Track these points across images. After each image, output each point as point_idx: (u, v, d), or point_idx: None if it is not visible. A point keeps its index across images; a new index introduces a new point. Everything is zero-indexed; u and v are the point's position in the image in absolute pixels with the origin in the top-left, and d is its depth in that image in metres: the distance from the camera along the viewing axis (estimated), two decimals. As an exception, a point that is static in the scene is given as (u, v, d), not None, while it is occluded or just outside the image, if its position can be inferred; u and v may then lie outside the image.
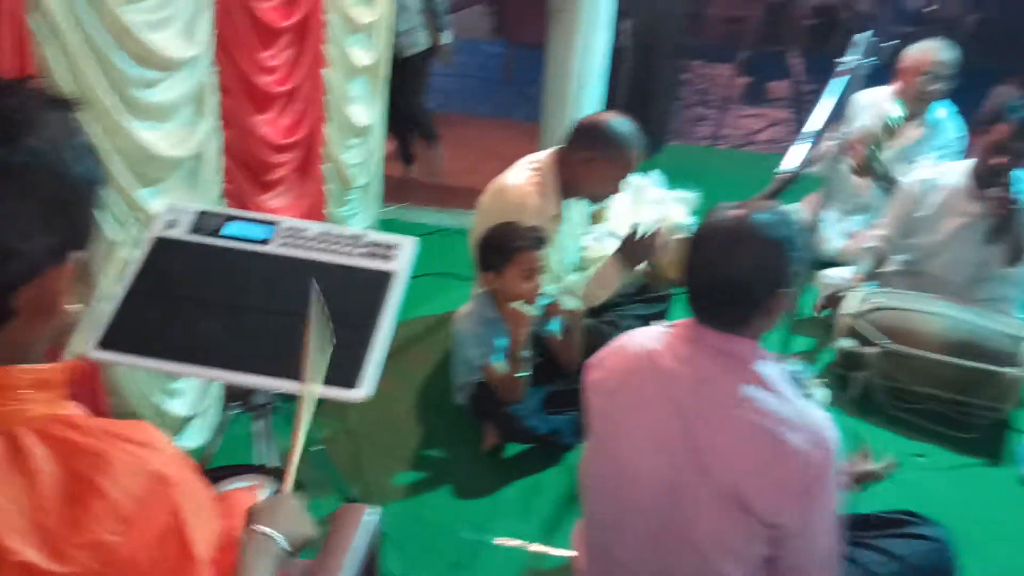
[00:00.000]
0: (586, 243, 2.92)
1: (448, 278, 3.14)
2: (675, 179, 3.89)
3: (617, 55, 4.44)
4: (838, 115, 2.20)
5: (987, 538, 2.10)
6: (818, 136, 2.10)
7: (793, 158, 2.03)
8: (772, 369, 1.39)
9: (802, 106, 5.70)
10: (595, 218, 3.34)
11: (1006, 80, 3.49)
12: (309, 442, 1.12)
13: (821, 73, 3.07)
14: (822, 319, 2.91)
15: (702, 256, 1.39)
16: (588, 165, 2.40)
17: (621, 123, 2.43)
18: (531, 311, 2.30)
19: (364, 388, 1.38)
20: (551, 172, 2.48)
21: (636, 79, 4.62)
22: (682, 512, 1.39)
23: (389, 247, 1.53)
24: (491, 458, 2.37)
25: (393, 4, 2.93)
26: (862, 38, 2.17)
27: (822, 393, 1.93)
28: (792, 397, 1.36)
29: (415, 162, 4.23)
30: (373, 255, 1.52)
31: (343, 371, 1.37)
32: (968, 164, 2.73)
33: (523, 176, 2.49)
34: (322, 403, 1.26)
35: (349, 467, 2.22)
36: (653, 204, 3.52)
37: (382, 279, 1.49)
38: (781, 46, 8.86)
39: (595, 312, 2.60)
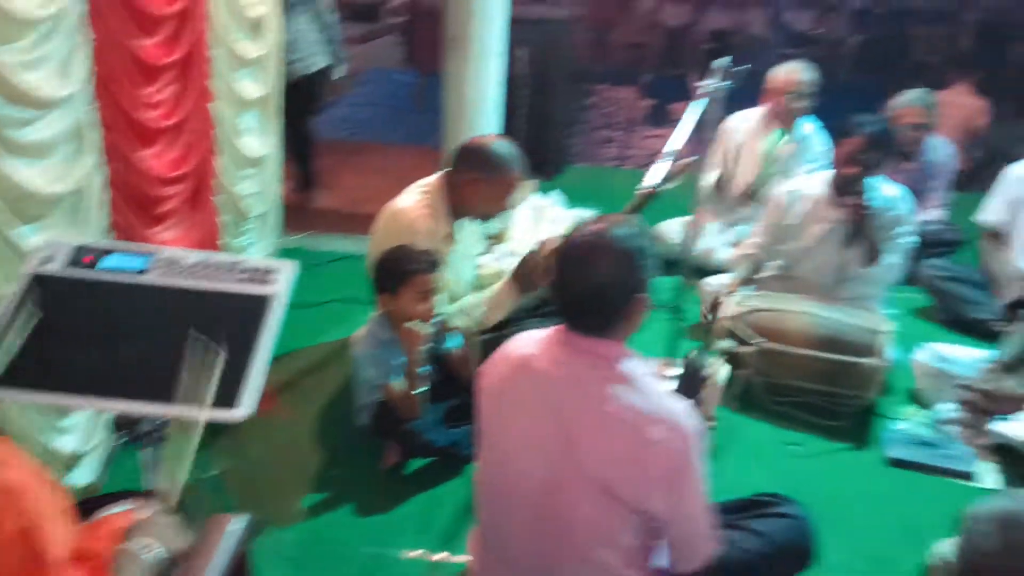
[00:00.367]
0: (485, 262, 3.02)
1: (354, 304, 3.20)
2: (577, 199, 4.05)
3: (515, 82, 4.61)
4: (700, 135, 2.38)
5: (854, 514, 2.29)
6: (677, 155, 2.28)
7: (654, 176, 2.19)
8: (636, 367, 1.51)
9: (700, 126, 6.03)
10: (496, 238, 3.46)
11: (885, 94, 3.84)
12: (203, 468, 1.17)
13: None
14: (708, 324, 3.10)
15: (567, 268, 1.50)
16: (472, 186, 2.53)
17: (501, 145, 2.57)
18: (426, 330, 2.38)
19: (243, 408, 1.43)
20: (440, 195, 2.59)
21: (534, 105, 4.81)
22: (561, 506, 1.49)
23: (268, 272, 1.60)
24: (393, 475, 2.43)
25: (282, 37, 3.00)
26: (720, 63, 2.37)
27: (724, 370, 2.04)
28: (654, 392, 1.48)
29: (317, 188, 4.28)
30: (251, 280, 1.58)
31: (223, 393, 1.42)
32: (828, 174, 2.98)
33: (414, 200, 2.59)
34: (219, 431, 1.31)
35: (247, 493, 2.25)
36: (552, 223, 3.67)
37: (260, 303, 1.55)
38: (681, 69, 9.27)
39: (496, 326, 2.70)
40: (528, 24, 4.73)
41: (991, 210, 3.43)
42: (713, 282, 3.19)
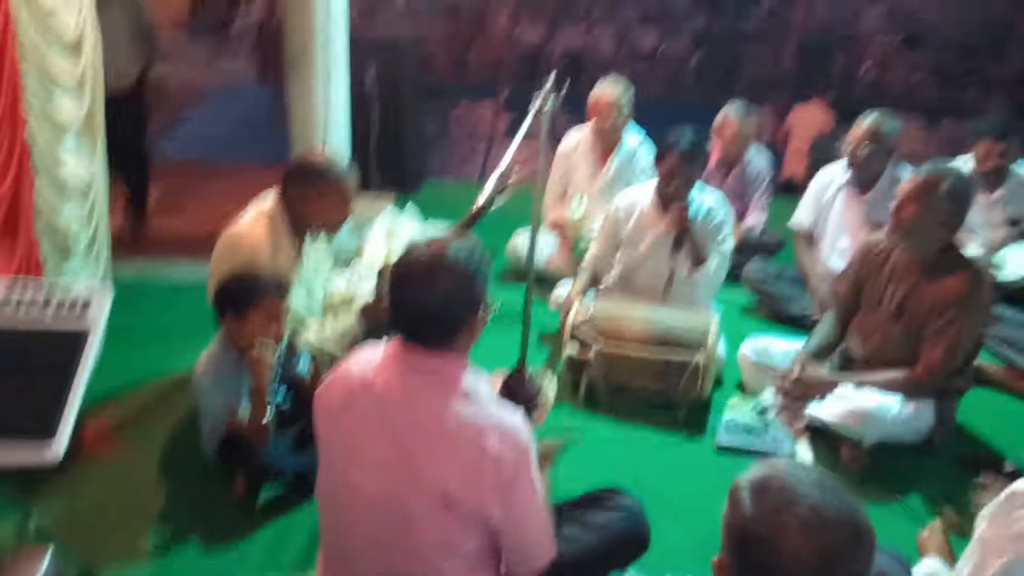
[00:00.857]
0: (337, 285, 3.02)
1: (198, 333, 3.09)
2: (436, 213, 4.10)
3: (364, 100, 4.63)
4: (535, 150, 2.51)
5: (688, 499, 2.46)
6: (508, 171, 2.39)
7: (486, 191, 2.29)
8: (472, 380, 1.57)
9: (555, 140, 6.26)
10: (348, 257, 3.47)
11: (718, 105, 4.15)
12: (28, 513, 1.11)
13: (572, 109, 3.53)
14: (560, 331, 3.24)
15: (402, 286, 1.54)
16: (305, 201, 2.57)
17: (326, 157, 2.67)
18: (271, 355, 2.35)
19: (56, 444, 1.39)
20: (278, 215, 2.59)
21: (386, 122, 4.85)
22: (403, 520, 1.53)
23: (80, 304, 1.55)
24: (244, 504, 2.37)
25: (100, 52, 2.85)
26: (550, 80, 2.50)
27: (552, 385, 2.15)
28: (489, 404, 1.54)
29: (156, 213, 4.12)
30: (63, 314, 1.53)
31: (36, 428, 1.37)
32: (653, 184, 3.20)
33: (253, 221, 2.57)
34: (49, 474, 1.26)
35: (84, 536, 2.14)
36: (407, 239, 3.72)
37: (73, 339, 1.50)
38: (538, 84, 9.55)
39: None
40: (374, 43, 4.78)
41: (801, 213, 3.77)
42: (562, 291, 3.35)
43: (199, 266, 3.53)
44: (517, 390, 1.85)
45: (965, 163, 3.72)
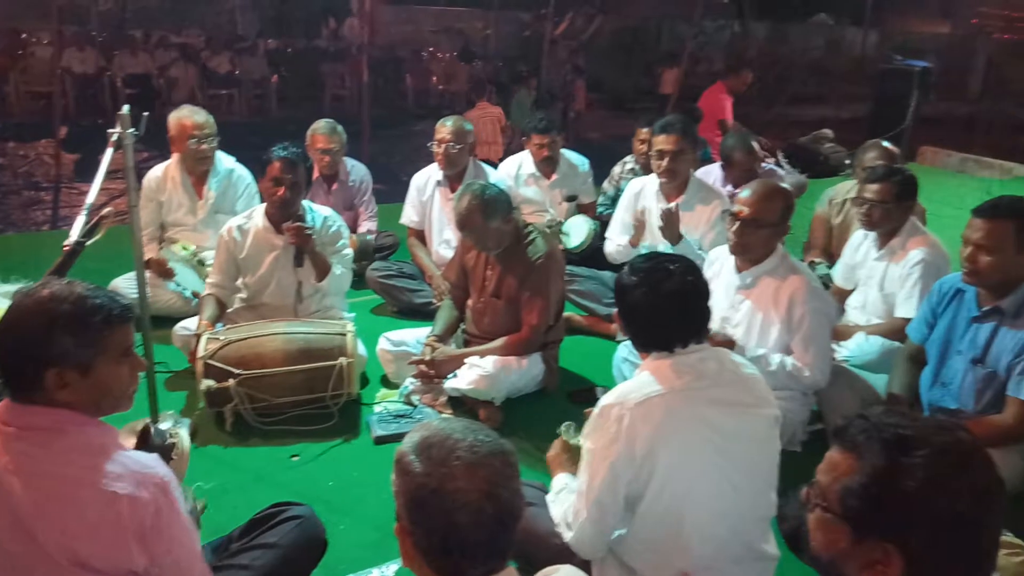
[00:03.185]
0: None
1: None
2: (12, 272, 3.50)
3: None
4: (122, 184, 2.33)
5: (358, 496, 2.55)
6: (96, 209, 2.20)
7: (76, 229, 2.08)
8: (92, 432, 1.45)
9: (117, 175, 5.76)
10: None
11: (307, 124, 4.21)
12: None
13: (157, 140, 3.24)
14: (191, 368, 3.04)
15: None
16: None
17: None
18: None
19: None
20: None
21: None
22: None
23: None
24: None
25: None
26: (127, 111, 2.34)
27: (184, 435, 2.03)
28: (116, 455, 1.43)
29: None
30: None
31: None
32: (262, 206, 3.20)
33: None
34: None
35: None
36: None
37: None
38: (101, 118, 8.65)
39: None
40: None
41: (406, 213, 4.14)
42: (189, 326, 3.14)
43: None
44: (147, 446, 1.74)
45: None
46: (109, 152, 2.17)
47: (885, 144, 3.86)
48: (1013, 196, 2.47)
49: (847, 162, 7.10)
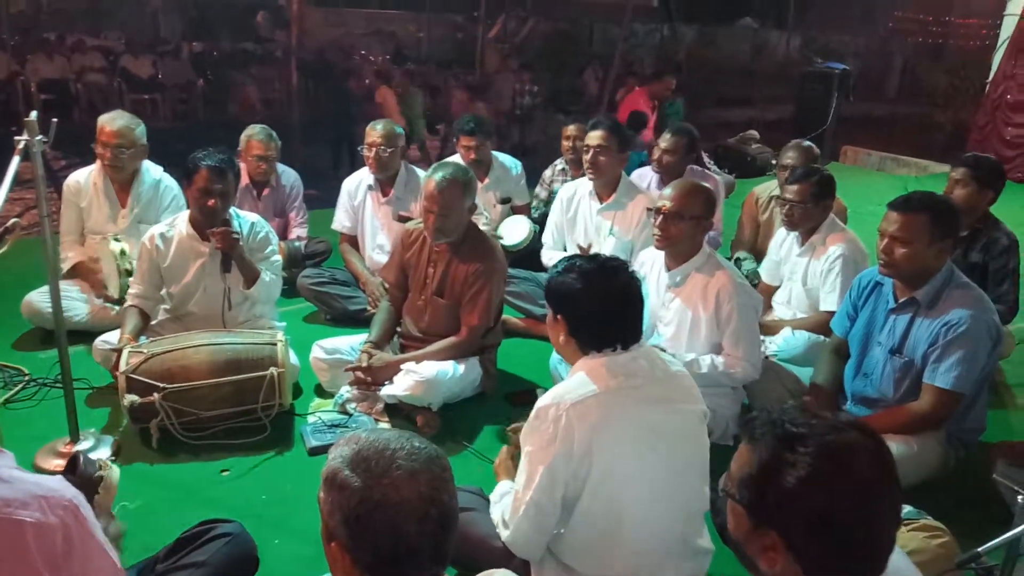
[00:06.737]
0: None
1: None
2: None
3: None
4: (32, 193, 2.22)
5: (296, 509, 2.48)
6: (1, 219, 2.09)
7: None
8: None
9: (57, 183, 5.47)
10: None
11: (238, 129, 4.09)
12: None
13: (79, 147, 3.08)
14: (113, 386, 2.92)
15: None
16: None
17: None
18: None
19: None
20: None
21: None
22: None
23: None
24: None
25: None
26: (35, 117, 2.23)
27: (115, 470, 1.93)
28: (15, 479, 1.34)
29: None
30: None
31: None
32: (185, 213, 3.10)
33: None
34: None
35: None
36: None
37: None
38: (18, 124, 8.24)
39: None
40: None
41: (337, 218, 4.08)
42: (110, 339, 3.01)
43: None
44: (76, 475, 1.65)
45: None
46: (16, 160, 2.07)
47: (806, 144, 3.99)
48: (926, 191, 2.59)
49: (773, 162, 7.32)
